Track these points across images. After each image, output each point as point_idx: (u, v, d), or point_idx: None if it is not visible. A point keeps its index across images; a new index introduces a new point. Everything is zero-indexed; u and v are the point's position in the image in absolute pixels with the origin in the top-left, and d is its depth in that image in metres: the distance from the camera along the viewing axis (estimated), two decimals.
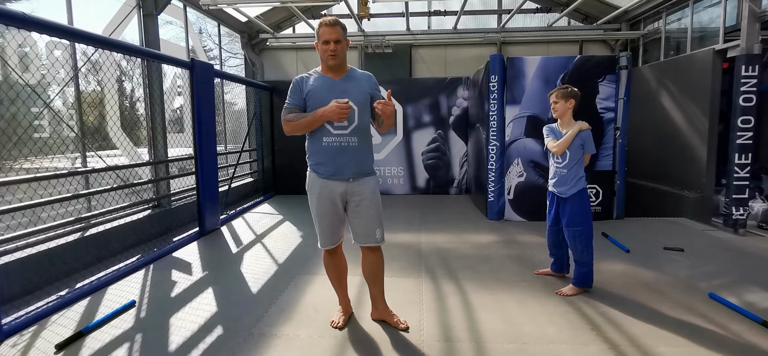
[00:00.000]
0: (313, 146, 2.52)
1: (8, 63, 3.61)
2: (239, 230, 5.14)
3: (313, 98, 2.41)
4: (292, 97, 2.47)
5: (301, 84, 2.47)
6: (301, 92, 2.45)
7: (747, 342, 2.45)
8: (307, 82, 2.46)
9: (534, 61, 5.29)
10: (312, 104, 2.42)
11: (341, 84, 2.44)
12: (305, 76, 2.49)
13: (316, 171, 2.53)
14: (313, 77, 2.47)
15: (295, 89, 2.47)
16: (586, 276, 3.13)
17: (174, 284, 3.42)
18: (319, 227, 2.57)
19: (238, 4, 6.31)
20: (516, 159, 5.38)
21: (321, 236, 2.58)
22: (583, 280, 3.13)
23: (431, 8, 8.49)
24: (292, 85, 2.49)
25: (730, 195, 5.01)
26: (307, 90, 2.43)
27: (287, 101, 2.49)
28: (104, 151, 4.73)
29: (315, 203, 2.54)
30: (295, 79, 2.50)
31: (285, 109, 2.49)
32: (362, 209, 2.50)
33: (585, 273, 3.13)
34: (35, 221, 3.60)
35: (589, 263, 3.13)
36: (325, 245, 2.59)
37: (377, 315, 2.75)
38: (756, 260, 3.96)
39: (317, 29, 2.41)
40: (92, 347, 2.46)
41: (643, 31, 7.65)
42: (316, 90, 2.41)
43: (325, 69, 2.48)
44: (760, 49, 4.82)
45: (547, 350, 2.39)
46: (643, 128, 6.86)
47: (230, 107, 7.99)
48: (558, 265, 3.45)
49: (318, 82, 2.44)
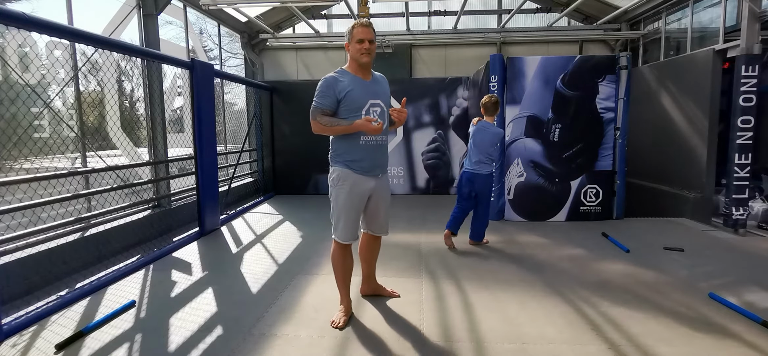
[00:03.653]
0: (348, 143, 2.57)
1: (8, 63, 3.61)
2: (239, 230, 5.14)
3: (351, 98, 2.49)
4: (325, 98, 2.50)
5: (334, 85, 2.50)
6: (333, 92, 2.50)
7: (747, 342, 2.45)
8: (339, 82, 2.50)
9: (534, 62, 5.29)
10: (349, 104, 2.50)
11: (372, 86, 2.58)
12: (336, 77, 2.53)
13: (351, 167, 2.57)
14: (346, 78, 2.53)
15: (327, 89, 2.50)
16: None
17: (174, 284, 3.42)
18: (345, 220, 2.61)
19: (238, 4, 6.31)
20: (516, 159, 5.38)
21: (345, 230, 2.62)
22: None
23: (431, 8, 8.49)
24: (324, 85, 2.51)
25: (730, 195, 5.01)
26: (340, 90, 2.49)
27: (318, 101, 2.51)
28: (104, 151, 4.73)
29: (345, 197, 2.58)
30: (327, 80, 2.52)
31: (316, 108, 2.51)
32: (383, 203, 2.73)
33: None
34: (35, 221, 3.60)
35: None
36: (349, 238, 2.65)
37: (369, 290, 3.00)
38: (756, 260, 3.96)
39: (350, 29, 2.52)
40: (92, 347, 2.46)
41: (643, 31, 7.65)
42: (353, 91, 2.50)
43: (355, 69, 2.56)
44: (760, 49, 4.82)
45: (547, 350, 2.39)
46: (643, 128, 6.86)
47: (230, 107, 7.99)
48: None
49: (353, 83, 2.51)
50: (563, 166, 5.33)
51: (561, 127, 5.27)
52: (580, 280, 3.39)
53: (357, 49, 2.50)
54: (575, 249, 4.23)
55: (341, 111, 2.52)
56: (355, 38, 2.50)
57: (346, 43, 2.55)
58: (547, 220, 5.42)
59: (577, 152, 5.30)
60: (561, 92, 5.24)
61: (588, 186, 5.35)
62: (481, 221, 4.36)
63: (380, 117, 2.55)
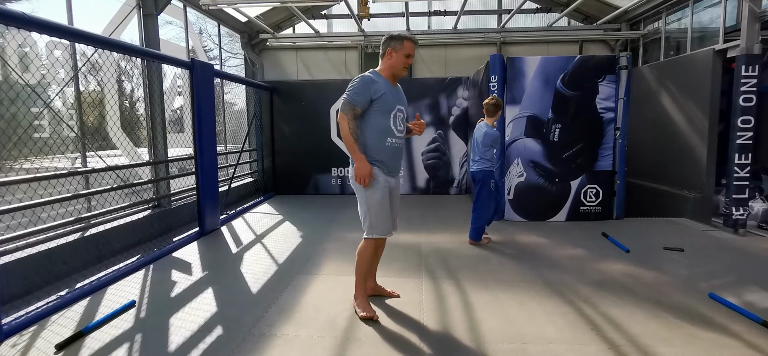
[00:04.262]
0: (376, 144, 2.68)
1: (8, 63, 3.61)
2: (239, 231, 5.14)
3: (384, 100, 2.64)
4: (360, 95, 2.60)
5: (371, 85, 2.62)
6: (369, 92, 2.61)
7: (747, 342, 2.45)
8: (375, 84, 2.64)
9: (534, 62, 5.29)
10: (381, 106, 2.64)
11: (399, 93, 2.78)
12: (372, 78, 2.66)
13: (379, 167, 2.71)
14: (380, 81, 2.67)
15: (364, 89, 2.61)
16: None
17: (174, 284, 3.42)
18: (382, 217, 2.72)
19: (238, 4, 6.31)
20: (516, 159, 5.38)
21: (382, 225, 2.72)
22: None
23: (431, 8, 8.49)
24: (361, 83, 2.62)
25: (730, 195, 5.01)
26: (376, 91, 2.62)
27: (353, 97, 2.60)
28: (104, 151, 4.73)
29: (379, 196, 2.70)
30: (365, 78, 2.65)
31: (350, 104, 2.61)
32: (397, 203, 2.91)
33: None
34: (35, 221, 3.60)
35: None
36: (387, 232, 2.77)
37: (369, 290, 3.00)
38: (756, 260, 3.96)
39: (401, 42, 2.67)
40: (92, 347, 2.46)
41: (643, 31, 7.65)
42: (387, 95, 2.65)
43: (389, 76, 2.73)
44: (760, 49, 4.82)
45: (547, 350, 2.39)
46: (643, 128, 6.86)
47: (230, 107, 7.99)
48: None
49: (386, 87, 2.66)
50: (563, 166, 5.33)
51: (561, 127, 5.27)
52: (580, 280, 3.39)
53: (402, 61, 2.68)
54: (575, 249, 4.23)
55: (373, 111, 2.64)
56: (405, 52, 2.67)
57: (389, 49, 2.67)
58: (547, 220, 5.42)
59: (577, 152, 5.30)
60: (561, 92, 5.24)
61: (588, 186, 5.35)
62: (475, 219, 4.34)
63: (401, 123, 2.74)
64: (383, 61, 2.73)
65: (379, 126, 2.65)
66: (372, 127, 2.65)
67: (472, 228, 4.38)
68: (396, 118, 2.70)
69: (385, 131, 2.66)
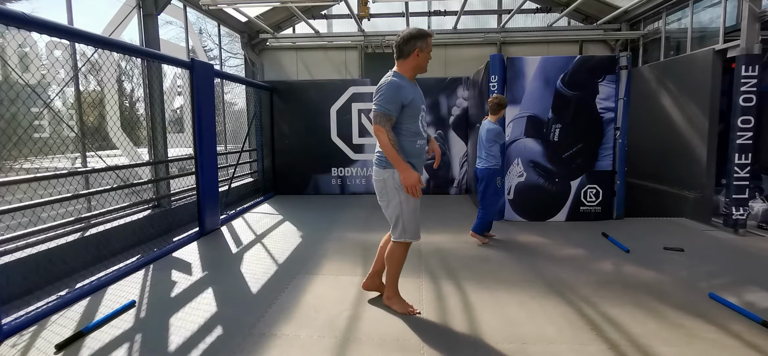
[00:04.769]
0: (408, 146, 2.67)
1: (8, 63, 3.61)
2: (239, 231, 5.14)
3: (414, 105, 2.63)
4: (393, 103, 2.56)
5: (401, 91, 2.58)
6: (400, 99, 2.58)
7: (747, 342, 2.45)
8: (404, 89, 2.59)
9: (534, 62, 5.29)
10: (412, 111, 2.62)
11: (420, 91, 2.75)
12: (400, 83, 2.60)
13: (411, 171, 2.65)
14: (407, 84, 2.63)
15: (395, 97, 2.56)
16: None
17: (174, 284, 3.42)
18: (416, 220, 2.71)
19: (238, 4, 6.31)
20: (516, 159, 5.38)
21: (414, 230, 2.71)
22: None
23: (431, 8, 8.50)
24: (392, 90, 2.56)
25: (730, 195, 5.01)
26: (405, 97, 2.59)
27: (387, 107, 2.55)
28: (104, 151, 4.73)
29: (414, 201, 2.68)
30: (394, 85, 2.58)
31: (385, 116, 2.55)
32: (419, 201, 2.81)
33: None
34: (35, 221, 3.60)
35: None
36: (418, 236, 2.74)
37: (374, 286, 3.07)
38: (756, 260, 3.96)
39: (425, 40, 2.63)
40: (92, 347, 2.46)
41: (643, 31, 7.65)
42: (415, 98, 2.64)
43: (411, 76, 2.69)
44: (760, 49, 4.82)
45: (547, 350, 2.39)
46: (643, 128, 6.86)
47: (230, 107, 7.99)
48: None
49: (413, 91, 2.64)
50: (563, 166, 5.33)
51: (561, 127, 5.27)
52: (580, 280, 3.39)
53: (427, 60, 2.67)
54: (575, 249, 4.23)
55: (403, 116, 2.61)
56: (429, 49, 2.66)
57: (416, 49, 2.62)
58: (547, 220, 5.42)
59: (577, 152, 5.30)
60: (561, 92, 5.24)
61: (588, 186, 5.35)
62: (483, 215, 4.41)
63: (422, 121, 2.72)
64: (407, 61, 2.65)
65: (408, 130, 2.64)
66: (403, 132, 2.63)
67: (477, 223, 4.44)
68: (422, 119, 2.71)
69: (415, 134, 2.66)
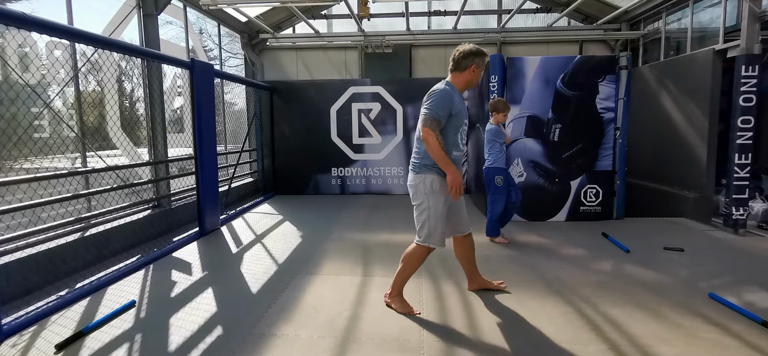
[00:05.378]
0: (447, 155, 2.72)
1: (8, 63, 3.61)
2: (239, 231, 5.14)
3: (459, 117, 2.71)
4: (443, 109, 2.64)
5: (451, 100, 2.67)
6: (449, 107, 2.65)
7: (747, 342, 2.45)
8: (454, 98, 2.68)
9: (534, 62, 5.29)
10: (455, 121, 2.70)
11: (466, 106, 2.84)
12: (451, 92, 2.69)
13: (442, 177, 2.71)
14: (456, 95, 2.72)
15: (445, 104, 2.64)
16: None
17: (174, 284, 3.42)
18: (442, 228, 2.75)
19: (238, 4, 6.31)
20: (516, 159, 5.37)
21: (439, 236, 2.74)
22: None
23: (431, 8, 8.50)
24: (444, 97, 2.65)
25: (730, 195, 5.01)
26: (454, 106, 2.66)
27: (437, 112, 2.62)
28: (104, 151, 4.73)
29: (442, 206, 2.73)
30: (446, 93, 2.67)
31: (435, 120, 2.62)
32: (461, 205, 2.90)
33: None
34: (35, 221, 3.60)
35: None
36: (442, 243, 2.78)
37: (475, 286, 3.16)
38: (756, 261, 3.96)
39: (483, 58, 2.73)
40: (92, 347, 2.46)
41: (643, 31, 7.65)
42: (461, 111, 2.73)
43: (460, 88, 2.77)
44: (760, 49, 4.81)
45: (547, 350, 2.39)
46: (643, 128, 6.86)
47: (230, 107, 7.99)
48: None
49: (460, 103, 2.72)
50: (563, 166, 5.33)
51: (561, 127, 5.27)
52: (580, 280, 3.39)
53: (478, 76, 2.77)
54: (575, 249, 4.23)
55: (448, 126, 2.68)
56: (482, 68, 2.76)
57: (473, 65, 2.71)
58: (547, 220, 5.41)
59: (577, 152, 5.30)
60: (561, 92, 5.24)
61: (588, 186, 5.35)
62: (489, 215, 4.44)
63: (464, 136, 2.81)
64: (462, 75, 2.74)
65: (447, 140, 2.69)
66: (442, 140, 2.67)
67: (487, 225, 4.48)
68: (462, 133, 2.77)
69: (453, 145, 2.71)
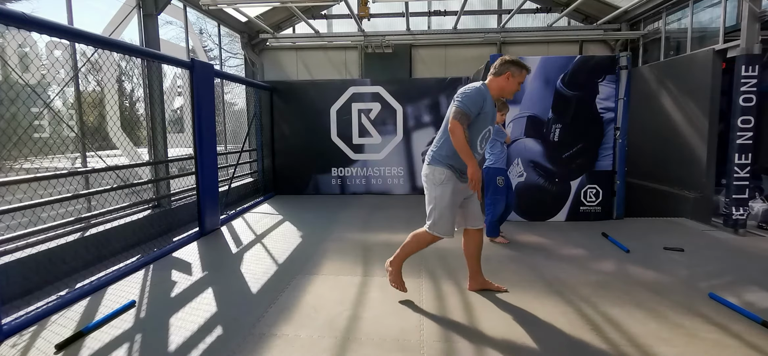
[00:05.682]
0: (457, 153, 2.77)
1: (8, 63, 3.61)
2: (239, 231, 5.14)
3: (484, 119, 2.76)
4: (474, 105, 2.70)
5: (483, 99, 2.72)
6: (480, 104, 2.71)
7: (747, 342, 2.45)
8: (486, 99, 2.74)
9: (534, 62, 5.29)
10: (482, 122, 2.76)
11: (494, 112, 2.87)
12: (485, 92, 2.75)
13: (453, 171, 2.81)
14: (488, 97, 2.76)
15: (477, 100, 2.70)
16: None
17: (174, 284, 3.42)
18: (449, 217, 2.84)
19: (238, 4, 6.31)
20: (516, 159, 5.37)
21: (444, 226, 2.83)
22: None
23: (431, 8, 8.49)
24: (477, 94, 2.71)
25: (730, 195, 5.01)
26: (484, 105, 2.71)
27: (467, 106, 2.68)
28: (104, 151, 4.73)
29: (450, 196, 2.81)
30: (480, 90, 2.73)
31: (465, 114, 2.68)
32: (474, 199, 2.97)
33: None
34: (35, 221, 3.60)
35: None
36: (449, 233, 2.86)
37: (476, 285, 3.16)
38: (756, 260, 3.96)
39: (521, 70, 2.79)
40: (92, 347, 2.46)
41: (643, 31, 7.65)
42: (488, 114, 2.78)
43: (495, 95, 2.83)
44: (760, 49, 4.81)
45: (547, 350, 2.39)
46: (643, 128, 6.86)
47: (230, 107, 7.99)
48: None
49: (490, 106, 2.78)
50: (563, 166, 5.33)
51: (561, 127, 5.27)
52: (580, 280, 3.39)
53: (514, 88, 2.81)
54: (575, 249, 4.23)
55: (474, 126, 2.73)
56: (520, 80, 2.81)
57: (508, 72, 2.76)
58: (547, 220, 5.41)
59: (577, 152, 5.30)
60: (561, 92, 5.24)
61: (588, 186, 5.35)
62: (487, 215, 4.41)
63: (485, 141, 2.86)
64: (496, 80, 2.80)
65: (469, 138, 2.71)
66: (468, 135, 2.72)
67: (486, 225, 4.44)
68: (484, 136, 2.81)
69: (470, 144, 2.72)
